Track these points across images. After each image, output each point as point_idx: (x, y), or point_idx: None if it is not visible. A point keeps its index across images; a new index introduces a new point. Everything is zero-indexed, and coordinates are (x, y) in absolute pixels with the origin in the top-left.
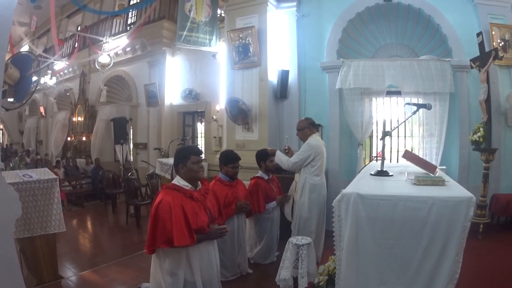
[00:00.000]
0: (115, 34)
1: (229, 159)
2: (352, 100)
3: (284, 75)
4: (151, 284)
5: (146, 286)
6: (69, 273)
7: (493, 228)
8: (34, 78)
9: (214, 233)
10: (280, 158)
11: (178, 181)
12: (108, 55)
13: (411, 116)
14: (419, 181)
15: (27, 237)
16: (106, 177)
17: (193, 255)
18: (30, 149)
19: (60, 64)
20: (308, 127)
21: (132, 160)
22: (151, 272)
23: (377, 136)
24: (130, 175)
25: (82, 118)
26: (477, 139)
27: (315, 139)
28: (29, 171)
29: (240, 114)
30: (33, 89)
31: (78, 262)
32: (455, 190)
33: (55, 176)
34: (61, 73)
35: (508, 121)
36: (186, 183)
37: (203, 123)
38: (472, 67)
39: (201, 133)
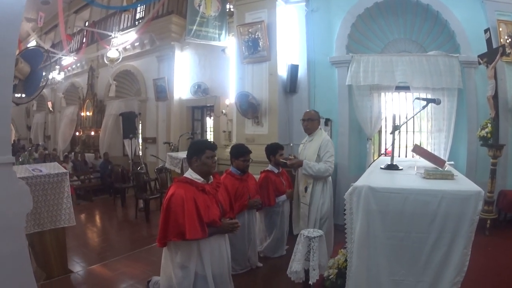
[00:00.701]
0: (123, 29)
1: (240, 152)
2: (361, 95)
3: (293, 70)
4: (162, 278)
5: (156, 280)
6: (78, 267)
7: (500, 224)
8: (44, 73)
9: (225, 227)
10: (317, 167)
11: (190, 174)
12: (117, 50)
13: (420, 110)
14: (428, 175)
15: (36, 231)
16: (115, 171)
17: (204, 248)
18: (40, 143)
19: (68, 59)
20: (318, 120)
21: (141, 154)
22: (162, 265)
23: (386, 131)
24: (140, 169)
25: (91, 113)
26: (485, 134)
27: (326, 134)
28: (38, 166)
29: (250, 108)
30: (44, 84)
31: (87, 256)
32: (464, 184)
33: (65, 170)
34: (69, 68)
35: None
36: (198, 177)
37: (212, 118)
38: (480, 63)
39: (210, 127)
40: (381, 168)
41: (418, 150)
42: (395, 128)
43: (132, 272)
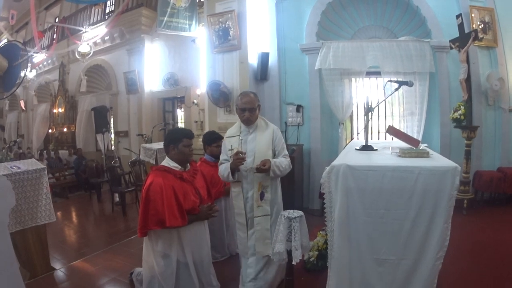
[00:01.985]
0: (93, 24)
1: (213, 138)
2: (332, 80)
3: (264, 58)
4: (144, 268)
5: (139, 271)
6: (60, 265)
7: (477, 204)
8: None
9: (204, 213)
10: (284, 165)
11: (168, 162)
12: (87, 44)
13: (393, 92)
14: (404, 153)
15: (18, 230)
16: (89, 167)
17: (184, 236)
18: (17, 140)
19: (39, 57)
20: (259, 105)
21: (113, 148)
22: (143, 256)
23: (357, 117)
24: (113, 163)
25: (63, 110)
26: (458, 116)
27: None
28: (17, 163)
29: (221, 97)
30: (21, 79)
31: (67, 253)
32: (439, 160)
33: (43, 166)
34: (40, 65)
35: (489, 100)
36: (176, 164)
37: (182, 109)
38: (451, 48)
39: (181, 118)
40: (356, 149)
41: (392, 130)
42: (369, 109)
43: (113, 266)
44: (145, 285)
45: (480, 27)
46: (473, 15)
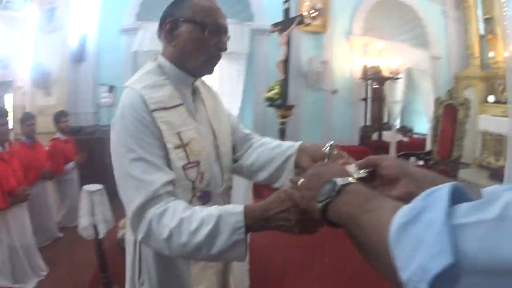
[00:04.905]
0: None
1: (25, 117)
2: (147, 61)
3: (83, 39)
4: None
5: None
6: None
7: None
8: None
9: (22, 195)
10: None
11: None
12: None
13: None
14: None
15: None
16: None
17: (10, 220)
18: None
19: None
20: None
21: None
22: None
23: None
24: None
25: None
26: (272, 96)
27: None
28: None
29: (41, 78)
30: None
31: None
32: None
33: None
34: None
35: (309, 82)
36: None
37: (12, 93)
38: (272, 31)
39: (12, 102)
40: None
41: None
42: None
43: None
44: None
45: (313, 15)
46: (306, 4)
